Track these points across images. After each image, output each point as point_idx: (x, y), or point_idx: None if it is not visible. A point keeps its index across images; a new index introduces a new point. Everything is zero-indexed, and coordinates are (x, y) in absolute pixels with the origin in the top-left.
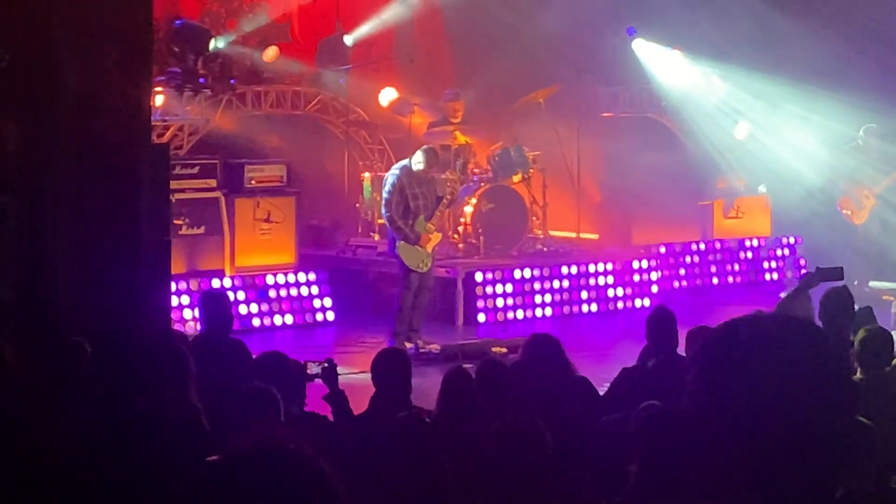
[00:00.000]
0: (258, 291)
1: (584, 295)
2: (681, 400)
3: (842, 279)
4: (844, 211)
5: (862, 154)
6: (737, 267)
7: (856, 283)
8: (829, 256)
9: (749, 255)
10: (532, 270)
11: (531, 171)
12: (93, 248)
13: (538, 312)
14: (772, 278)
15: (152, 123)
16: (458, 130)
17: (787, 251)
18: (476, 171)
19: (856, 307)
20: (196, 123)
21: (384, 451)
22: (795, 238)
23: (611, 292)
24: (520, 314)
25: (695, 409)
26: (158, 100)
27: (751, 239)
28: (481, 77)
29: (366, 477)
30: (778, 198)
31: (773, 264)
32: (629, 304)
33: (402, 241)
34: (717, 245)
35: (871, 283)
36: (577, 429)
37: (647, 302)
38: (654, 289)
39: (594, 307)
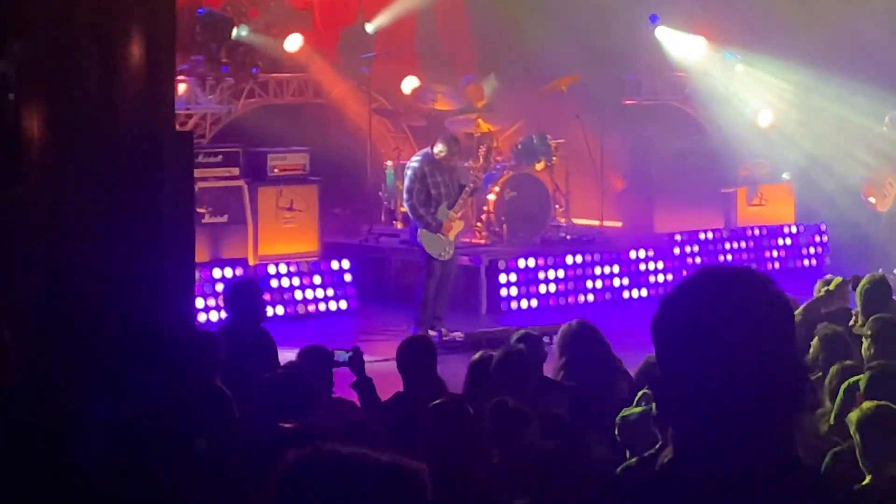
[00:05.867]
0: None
1: (607, 283)
2: None
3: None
4: (869, 199)
5: (887, 142)
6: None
7: (880, 270)
8: (851, 244)
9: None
10: (555, 258)
11: (554, 158)
12: (116, 238)
13: (561, 300)
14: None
15: (175, 112)
16: (480, 118)
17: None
18: (499, 158)
19: None
20: (218, 112)
21: (421, 437)
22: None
23: (632, 280)
24: (543, 302)
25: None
26: (180, 88)
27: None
28: (504, 64)
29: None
30: (800, 185)
31: (811, 251)
32: (653, 292)
33: (424, 229)
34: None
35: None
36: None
37: None
38: (684, 275)
39: (618, 295)
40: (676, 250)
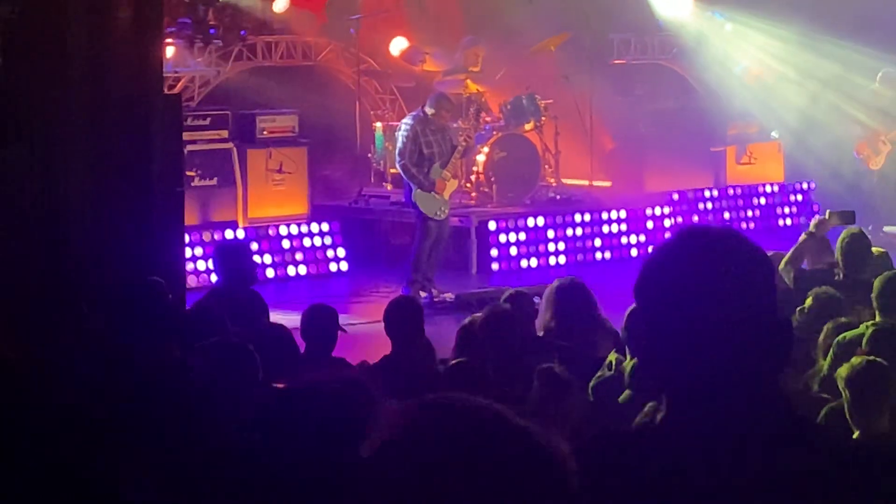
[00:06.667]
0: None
1: (597, 242)
2: None
3: (854, 223)
4: (861, 156)
5: (878, 99)
6: (752, 213)
7: (870, 227)
8: (842, 201)
9: (763, 200)
10: (545, 218)
11: (543, 119)
12: (105, 201)
13: (552, 260)
14: (786, 224)
15: (163, 75)
16: (469, 79)
17: (801, 196)
18: (488, 119)
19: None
20: (207, 75)
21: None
22: (808, 183)
23: (624, 240)
24: (533, 262)
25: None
26: (169, 51)
27: (765, 185)
28: (492, 25)
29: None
30: (790, 143)
31: (788, 210)
32: (643, 251)
33: (418, 189)
34: (731, 191)
35: (886, 228)
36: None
37: None
38: (667, 236)
39: (608, 255)
40: (667, 209)
